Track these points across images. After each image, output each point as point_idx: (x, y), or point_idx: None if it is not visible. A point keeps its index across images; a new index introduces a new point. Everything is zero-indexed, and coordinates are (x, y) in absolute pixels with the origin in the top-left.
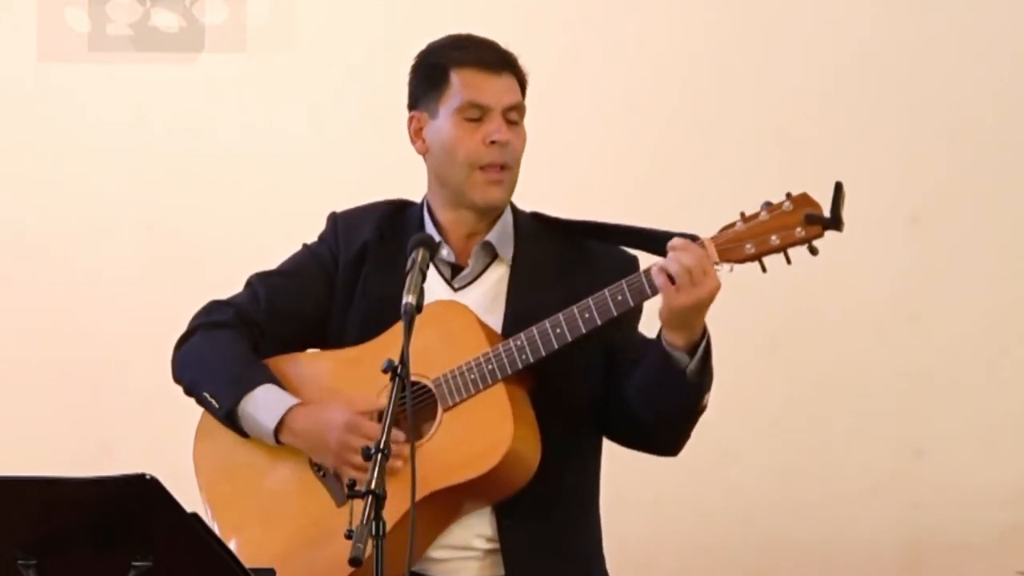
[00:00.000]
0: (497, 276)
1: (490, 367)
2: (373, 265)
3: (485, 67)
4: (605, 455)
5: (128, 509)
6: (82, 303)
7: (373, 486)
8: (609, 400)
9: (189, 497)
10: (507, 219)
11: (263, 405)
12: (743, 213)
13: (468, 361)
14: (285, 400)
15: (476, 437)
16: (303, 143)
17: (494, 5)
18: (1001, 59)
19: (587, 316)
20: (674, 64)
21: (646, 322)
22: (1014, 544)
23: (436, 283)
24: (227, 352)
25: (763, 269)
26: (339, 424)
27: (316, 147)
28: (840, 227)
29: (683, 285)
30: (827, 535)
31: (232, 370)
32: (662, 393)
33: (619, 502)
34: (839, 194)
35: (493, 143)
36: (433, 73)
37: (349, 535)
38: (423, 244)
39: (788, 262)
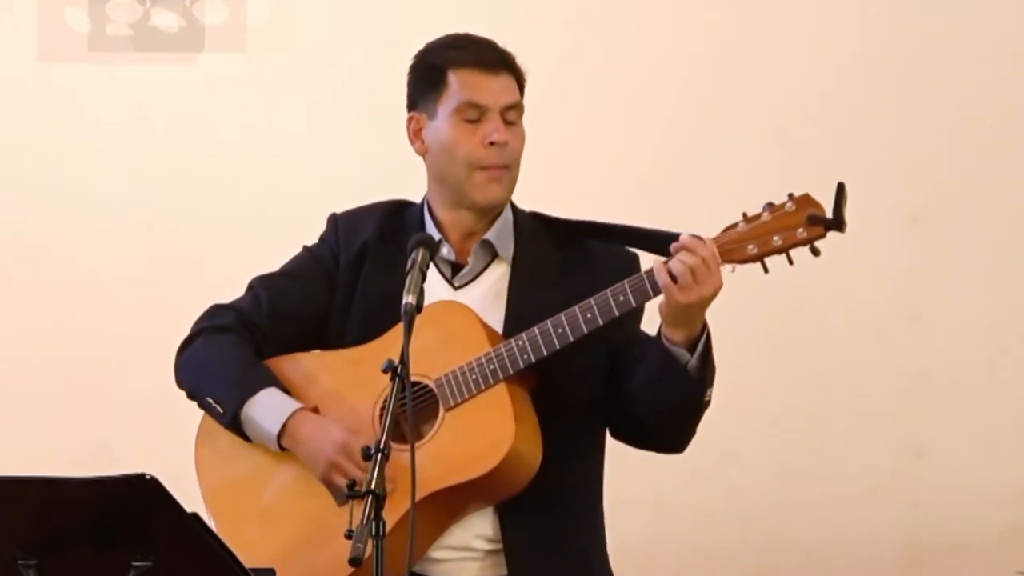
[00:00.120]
0: (497, 275)
1: (492, 367)
2: (373, 265)
3: (483, 67)
4: (606, 455)
5: (128, 509)
6: (82, 303)
7: (373, 486)
8: (612, 399)
9: (189, 497)
10: (507, 218)
11: (266, 410)
12: (745, 214)
13: (470, 361)
14: (287, 405)
15: (477, 437)
16: (303, 143)
17: (494, 5)
18: (1001, 59)
19: (589, 316)
20: (674, 64)
21: (647, 319)
22: (1014, 544)
23: (436, 282)
24: (229, 356)
25: (765, 270)
26: (336, 443)
27: (316, 147)
28: (843, 228)
29: (685, 284)
30: (827, 535)
31: (234, 375)
32: (664, 390)
33: (619, 502)
34: (841, 195)
35: (492, 144)
36: (431, 74)
37: (349, 535)
38: (423, 244)
39: (790, 263)
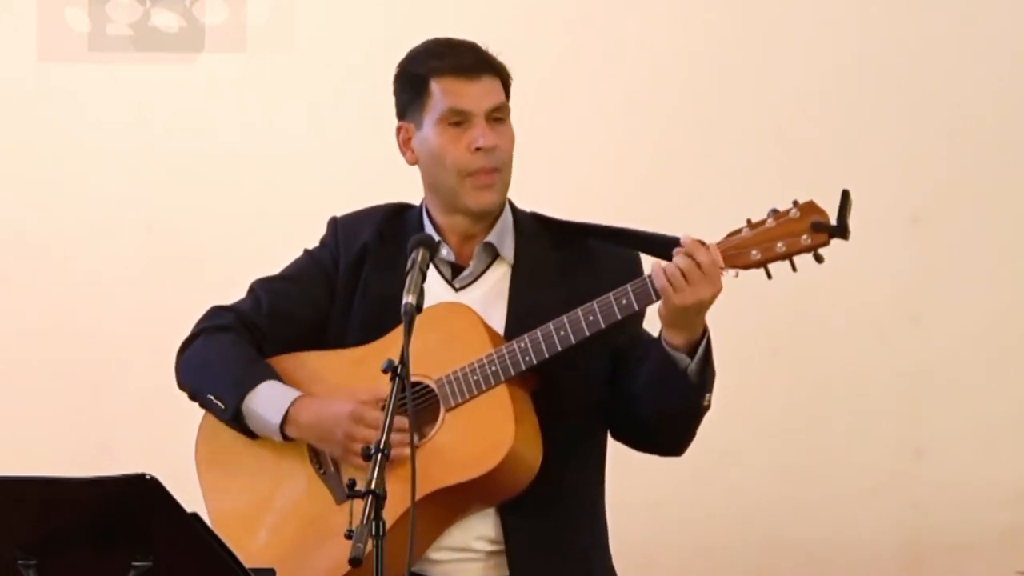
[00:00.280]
0: (498, 276)
1: (493, 368)
2: (373, 266)
3: (463, 73)
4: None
5: (128, 509)
6: (82, 303)
7: (373, 486)
8: (615, 400)
9: (189, 497)
10: (507, 219)
11: (267, 401)
12: (749, 220)
13: (471, 362)
14: (288, 394)
15: (477, 437)
16: (303, 143)
17: (494, 5)
18: (1001, 59)
19: (591, 318)
20: (674, 64)
21: (647, 320)
22: (1014, 544)
23: (437, 283)
24: (229, 354)
25: (768, 276)
26: (344, 415)
27: (316, 147)
28: (847, 235)
29: (678, 286)
30: (827, 535)
31: (234, 372)
32: (664, 393)
33: (620, 502)
34: (846, 202)
35: (478, 150)
36: (414, 83)
37: (349, 535)
38: (423, 244)
39: (794, 270)
